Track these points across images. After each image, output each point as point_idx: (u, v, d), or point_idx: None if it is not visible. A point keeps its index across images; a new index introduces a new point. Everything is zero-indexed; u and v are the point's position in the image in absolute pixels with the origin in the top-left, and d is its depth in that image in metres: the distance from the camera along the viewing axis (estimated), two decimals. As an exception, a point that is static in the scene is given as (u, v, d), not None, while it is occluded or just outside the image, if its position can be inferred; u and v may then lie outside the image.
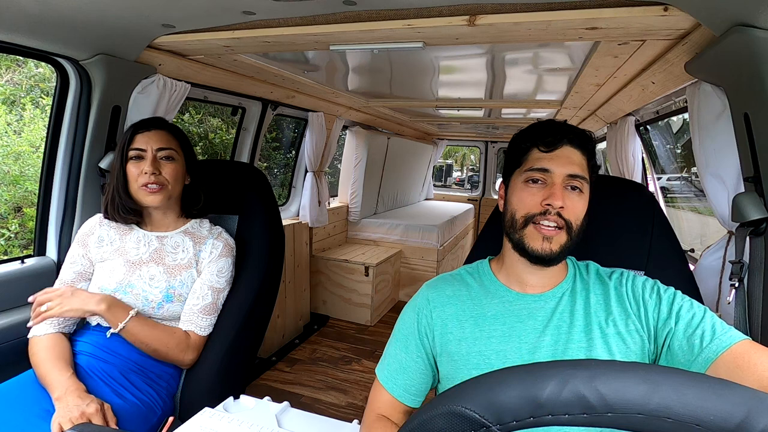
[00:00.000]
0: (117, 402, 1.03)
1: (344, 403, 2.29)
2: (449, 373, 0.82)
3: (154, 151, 1.15)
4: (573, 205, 0.76)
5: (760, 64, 0.84)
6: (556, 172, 0.77)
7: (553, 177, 0.77)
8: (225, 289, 1.23)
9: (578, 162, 0.78)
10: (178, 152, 1.20)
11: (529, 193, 0.78)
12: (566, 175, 0.77)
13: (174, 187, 1.19)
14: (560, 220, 0.75)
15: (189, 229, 1.25)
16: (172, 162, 1.18)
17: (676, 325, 0.71)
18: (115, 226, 1.22)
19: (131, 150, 1.15)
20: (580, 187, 0.77)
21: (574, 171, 0.77)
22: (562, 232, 0.76)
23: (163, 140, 1.18)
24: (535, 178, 0.78)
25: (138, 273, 1.16)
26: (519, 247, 0.79)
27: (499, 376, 0.35)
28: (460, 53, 1.62)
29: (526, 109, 3.00)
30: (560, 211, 0.75)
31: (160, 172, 1.15)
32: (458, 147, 10.85)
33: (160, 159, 1.16)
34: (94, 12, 1.10)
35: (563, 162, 0.77)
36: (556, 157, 0.77)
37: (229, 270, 1.23)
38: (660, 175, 2.67)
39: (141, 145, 1.15)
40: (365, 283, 3.31)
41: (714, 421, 0.29)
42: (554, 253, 0.76)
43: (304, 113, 2.85)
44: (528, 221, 0.77)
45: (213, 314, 1.19)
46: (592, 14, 0.97)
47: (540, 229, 0.76)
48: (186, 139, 1.25)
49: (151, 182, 1.14)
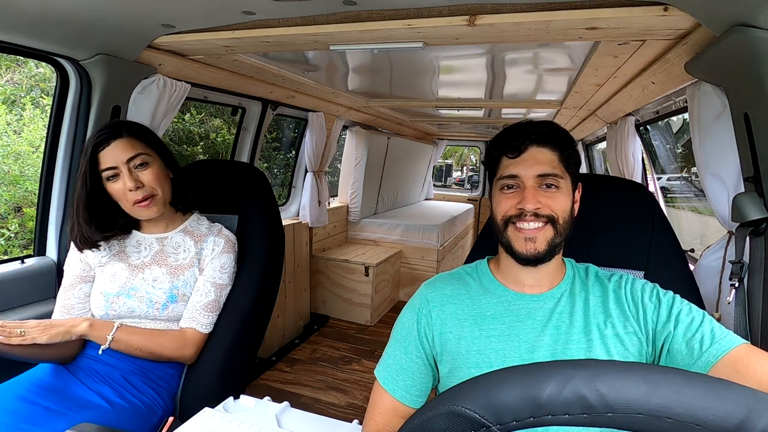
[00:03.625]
0: (118, 403, 1.03)
1: (344, 403, 2.29)
2: (449, 373, 0.81)
3: (125, 164, 1.06)
4: (549, 202, 0.77)
5: (760, 64, 0.84)
6: (524, 175, 0.78)
7: (523, 180, 0.78)
8: (227, 286, 1.22)
9: (547, 160, 0.79)
10: (149, 154, 1.11)
11: (505, 198, 0.81)
12: (536, 175, 0.78)
13: (163, 190, 1.13)
14: (540, 218, 0.77)
15: (188, 227, 1.24)
16: (148, 167, 1.10)
17: (675, 329, 0.71)
18: None
19: (103, 171, 1.06)
20: (555, 184, 0.78)
21: (543, 170, 0.78)
22: (547, 227, 0.77)
23: (128, 148, 1.07)
24: (508, 185, 0.80)
25: (141, 276, 1.15)
26: (507, 248, 0.81)
27: (499, 376, 0.35)
28: (460, 53, 1.62)
29: (526, 109, 3.00)
30: (537, 210, 0.76)
31: (142, 183, 1.08)
32: (458, 147, 10.85)
33: (134, 168, 1.08)
34: (94, 12, 1.10)
35: (530, 164, 0.78)
36: (523, 161, 0.79)
37: (231, 266, 1.23)
38: (660, 175, 2.66)
39: (108, 164, 1.06)
40: (365, 283, 3.31)
41: (714, 421, 0.29)
42: (540, 252, 0.77)
43: (304, 113, 2.85)
44: (507, 223, 0.80)
45: (215, 311, 1.18)
46: (592, 14, 0.97)
47: (520, 230, 0.78)
48: (151, 135, 1.15)
49: (140, 198, 1.08)
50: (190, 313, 1.16)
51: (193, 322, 1.15)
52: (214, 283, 1.19)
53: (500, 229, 0.81)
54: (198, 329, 1.15)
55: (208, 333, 1.18)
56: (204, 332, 1.16)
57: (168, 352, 1.11)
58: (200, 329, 1.16)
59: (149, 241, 1.20)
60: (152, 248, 1.19)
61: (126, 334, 1.08)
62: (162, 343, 1.11)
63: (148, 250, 1.19)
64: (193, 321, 1.15)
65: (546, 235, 0.77)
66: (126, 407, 1.03)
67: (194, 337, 1.15)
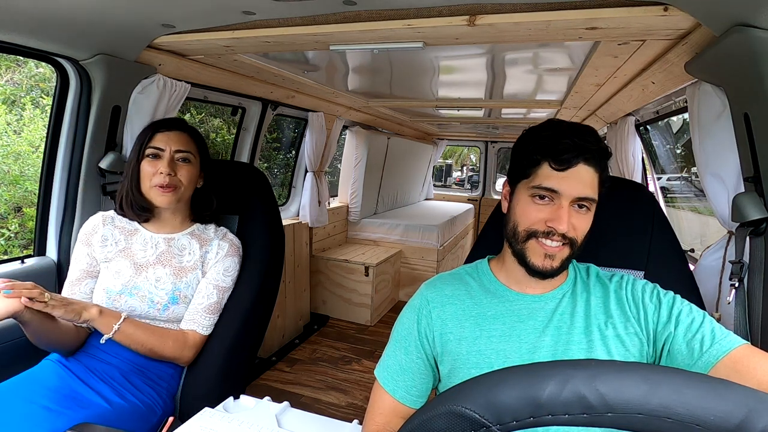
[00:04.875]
0: (117, 402, 1.03)
1: (344, 403, 2.29)
2: (449, 373, 0.81)
3: (172, 152, 1.15)
4: (578, 224, 0.74)
5: (760, 64, 0.84)
6: (565, 194, 0.72)
7: (562, 199, 0.73)
8: (230, 289, 1.23)
9: (590, 182, 0.74)
10: (195, 155, 1.20)
11: (535, 209, 0.75)
12: (576, 197, 0.73)
13: (187, 189, 1.19)
14: (564, 239, 0.74)
15: (195, 231, 1.25)
16: (188, 164, 1.18)
17: (675, 329, 0.71)
18: (120, 226, 1.21)
19: (149, 148, 1.15)
20: (588, 207, 0.75)
21: (586, 194, 0.73)
22: (566, 248, 0.75)
23: (182, 142, 1.17)
24: (542, 195, 0.75)
25: (144, 275, 1.16)
26: (520, 258, 0.78)
27: (499, 376, 0.35)
28: (460, 53, 1.62)
29: (526, 109, 3.00)
30: (565, 233, 0.73)
31: (175, 173, 1.15)
32: (458, 147, 10.85)
33: (177, 160, 1.16)
34: (94, 12, 1.10)
35: (574, 184, 0.72)
36: (568, 177, 0.72)
37: (235, 269, 1.23)
38: (660, 175, 2.66)
39: (160, 144, 1.15)
40: (365, 283, 3.31)
41: (714, 421, 0.29)
42: (555, 269, 0.75)
43: (304, 113, 2.85)
44: (530, 236, 0.76)
45: (216, 313, 1.19)
46: (592, 14, 0.97)
47: (543, 246, 0.74)
48: (203, 142, 1.25)
49: (165, 183, 1.13)
50: (192, 315, 1.16)
51: (194, 324, 1.16)
52: (217, 285, 1.19)
53: (519, 239, 0.77)
54: (199, 331, 1.16)
55: (208, 335, 1.18)
56: (204, 334, 1.17)
57: (169, 352, 1.12)
58: (201, 331, 1.16)
59: (156, 240, 1.20)
60: (158, 247, 1.20)
61: (132, 327, 1.09)
62: (165, 342, 1.11)
63: (154, 249, 1.19)
64: (195, 323, 1.16)
65: (564, 254, 0.75)
66: (126, 407, 1.03)
67: (195, 340, 1.15)
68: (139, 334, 1.09)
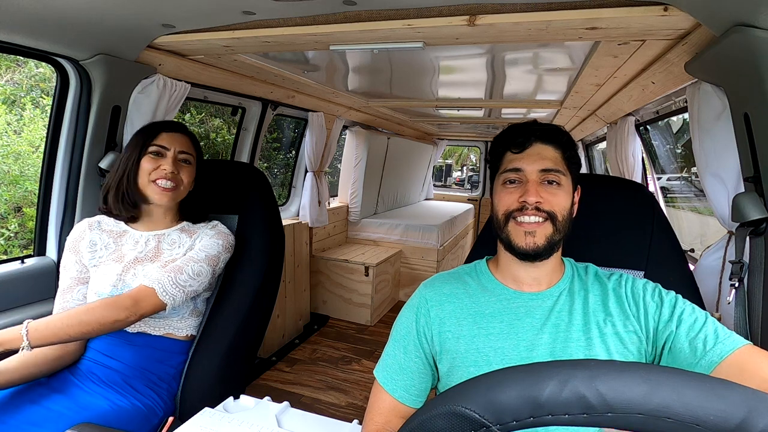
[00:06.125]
0: (119, 404, 1.03)
1: (344, 403, 2.29)
2: (448, 372, 0.81)
3: (176, 152, 1.18)
4: (550, 197, 0.78)
5: (760, 64, 0.84)
6: (528, 169, 0.79)
7: (527, 174, 0.79)
8: (202, 263, 1.13)
9: (551, 157, 0.80)
10: (194, 158, 1.24)
11: (507, 193, 0.81)
12: (539, 170, 0.79)
13: (186, 189, 1.21)
14: (540, 213, 0.77)
15: (185, 226, 1.25)
16: (189, 166, 1.22)
17: (677, 329, 0.71)
18: (108, 230, 1.20)
19: (153, 145, 1.17)
20: (557, 180, 0.79)
21: (547, 165, 0.79)
22: (546, 224, 0.78)
23: (185, 144, 1.21)
24: (511, 179, 0.81)
25: (132, 272, 1.14)
26: (507, 244, 0.81)
27: (499, 376, 0.35)
28: (460, 53, 1.62)
29: (526, 109, 3.00)
30: (538, 205, 0.77)
31: (178, 172, 1.18)
32: (458, 147, 10.85)
33: (179, 161, 1.19)
34: (94, 12, 1.10)
35: (534, 159, 0.80)
36: (527, 155, 0.80)
37: (216, 249, 1.17)
38: (660, 175, 2.66)
39: (165, 143, 1.18)
40: (365, 283, 3.31)
41: (714, 421, 0.29)
42: (539, 246, 0.77)
43: (304, 113, 2.85)
44: (508, 218, 0.80)
45: (177, 274, 1.09)
46: (592, 14, 0.97)
47: (521, 225, 0.78)
48: (200, 148, 1.29)
49: (167, 179, 1.15)
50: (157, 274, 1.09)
51: (155, 282, 1.06)
52: (192, 257, 1.13)
53: (500, 225, 0.81)
54: (156, 290, 1.05)
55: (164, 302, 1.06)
56: (160, 298, 1.05)
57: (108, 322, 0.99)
58: (158, 291, 1.05)
59: (145, 238, 1.20)
60: (149, 244, 1.19)
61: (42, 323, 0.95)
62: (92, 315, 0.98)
63: (143, 246, 1.18)
64: (156, 282, 1.06)
65: (545, 230, 0.77)
66: (127, 408, 1.03)
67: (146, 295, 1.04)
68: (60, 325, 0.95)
